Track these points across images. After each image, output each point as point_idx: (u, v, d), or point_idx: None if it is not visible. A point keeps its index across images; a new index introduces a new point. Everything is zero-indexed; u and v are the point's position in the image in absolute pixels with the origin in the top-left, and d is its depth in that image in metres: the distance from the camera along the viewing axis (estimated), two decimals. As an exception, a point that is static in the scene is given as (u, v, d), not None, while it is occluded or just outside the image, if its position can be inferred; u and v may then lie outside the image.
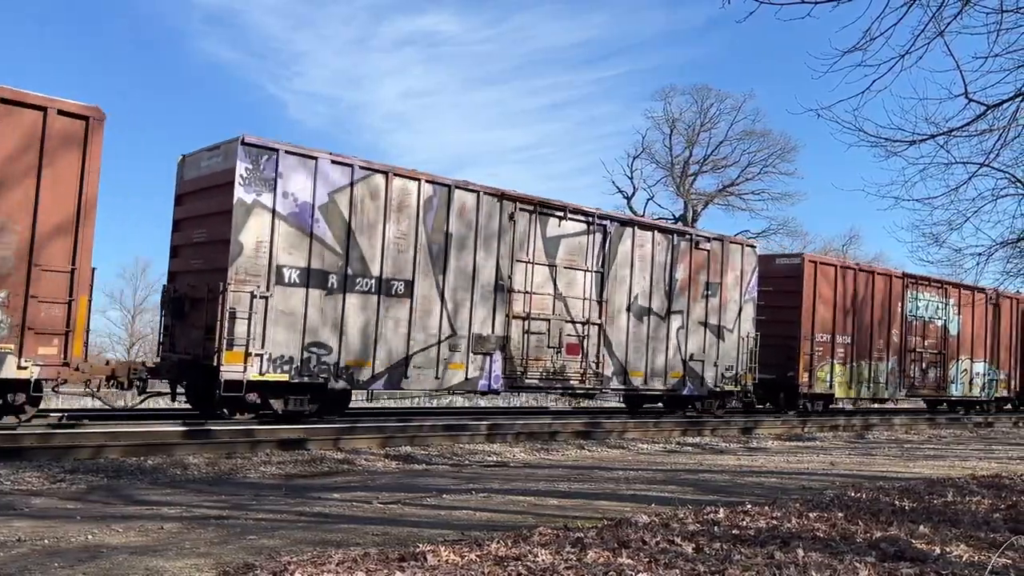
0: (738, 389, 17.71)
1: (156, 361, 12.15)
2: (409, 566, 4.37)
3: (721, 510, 6.26)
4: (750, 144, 46.19)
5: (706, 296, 17.05)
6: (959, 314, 23.95)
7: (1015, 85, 7.35)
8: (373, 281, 12.32)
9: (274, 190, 11.32)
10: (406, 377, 12.65)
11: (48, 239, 9.44)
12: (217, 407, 11.76)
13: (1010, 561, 4.95)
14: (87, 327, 9.98)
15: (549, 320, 14.45)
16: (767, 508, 6.54)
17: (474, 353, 13.48)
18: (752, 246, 18.44)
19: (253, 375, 11.10)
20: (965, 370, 24.24)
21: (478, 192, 13.57)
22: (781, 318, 19.22)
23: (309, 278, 11.66)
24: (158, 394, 12.45)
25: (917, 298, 22.53)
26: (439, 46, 72.69)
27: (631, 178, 46.85)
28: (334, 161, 11.95)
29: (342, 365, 11.96)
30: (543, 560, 4.54)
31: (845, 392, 20.48)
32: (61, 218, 9.52)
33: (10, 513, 5.81)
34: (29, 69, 61.14)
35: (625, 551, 4.79)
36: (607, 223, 15.41)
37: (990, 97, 7.45)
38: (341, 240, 12.02)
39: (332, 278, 11.91)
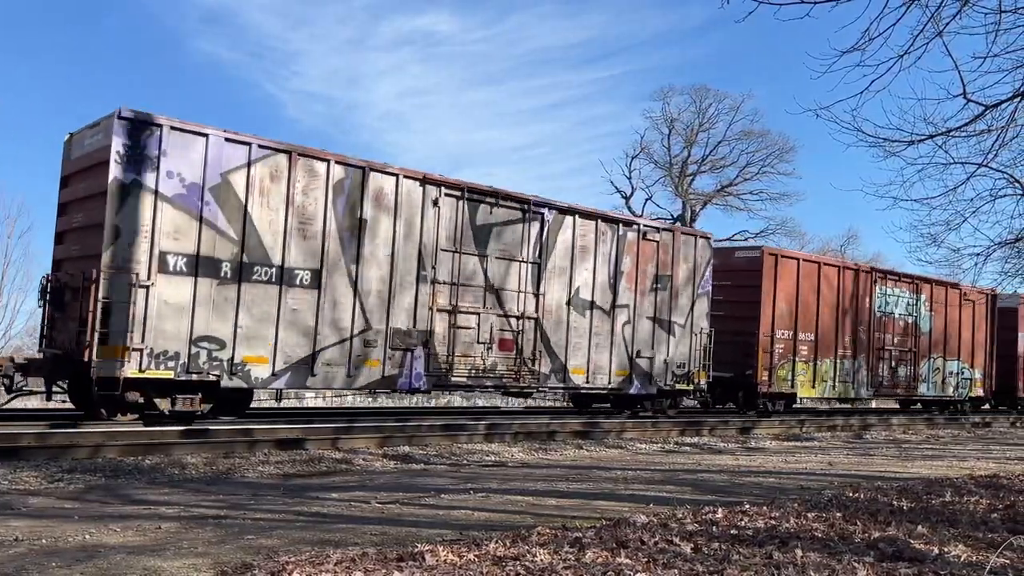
0: (691, 388, 16.77)
1: (30, 357, 11.43)
2: (407, 566, 4.36)
3: (719, 510, 6.27)
4: (748, 144, 46.26)
5: (655, 289, 16.07)
6: (931, 310, 22.97)
7: (1013, 85, 7.36)
8: (274, 270, 11.36)
9: (157, 169, 10.37)
10: (312, 375, 11.70)
11: None
12: (95, 406, 10.83)
13: (1008, 561, 4.95)
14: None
15: (479, 314, 13.52)
16: (765, 508, 6.54)
17: (392, 349, 12.49)
18: (707, 237, 17.29)
19: (132, 372, 10.19)
20: (937, 369, 23.31)
21: (397, 175, 12.59)
22: (740, 314, 18.35)
23: (198, 266, 10.70)
24: (31, 393, 11.50)
25: (886, 293, 21.53)
26: (437, 46, 72.68)
27: (629, 178, 46.92)
28: (229, 139, 10.99)
29: (237, 361, 11.00)
30: (542, 560, 4.53)
31: (808, 391, 19.53)
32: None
33: (8, 513, 5.80)
34: (29, 68, 61.05)
35: (624, 551, 4.79)
36: (544, 211, 14.43)
37: (989, 97, 7.47)
38: (236, 225, 11.04)
39: (225, 266, 10.94)
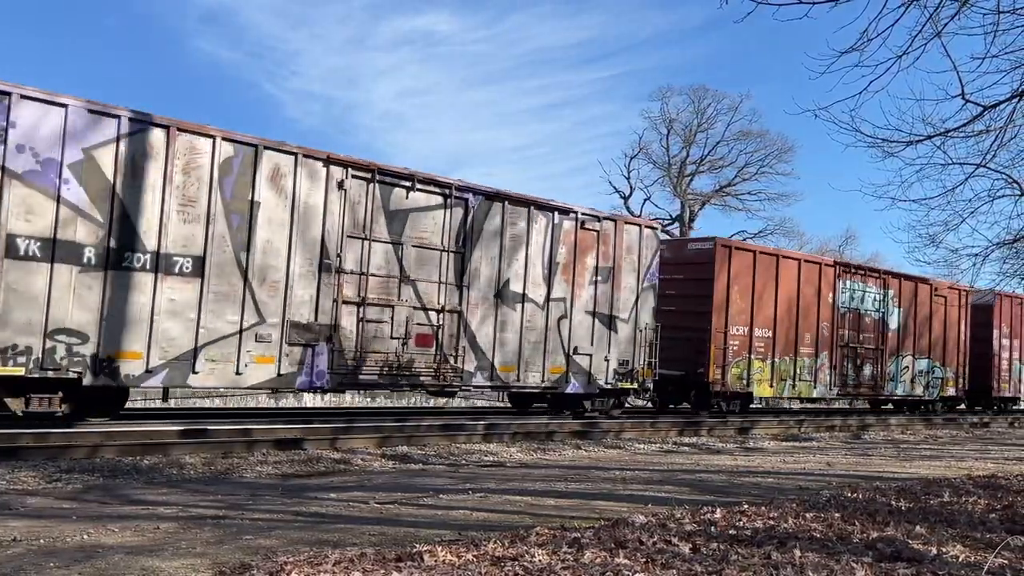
0: (636, 387, 15.87)
1: None
2: (406, 566, 4.36)
3: (718, 510, 6.27)
4: (747, 144, 46.40)
5: (595, 282, 15.11)
6: (899, 306, 22.01)
7: (1012, 86, 7.37)
8: (148, 257, 10.32)
9: (4, 143, 9.40)
10: (194, 372, 10.68)
11: None
12: None
13: (1006, 561, 4.96)
14: None
15: (393, 306, 12.53)
16: (764, 508, 6.55)
17: (290, 344, 11.45)
18: (653, 227, 16.40)
19: None
20: (906, 367, 22.34)
21: (296, 154, 11.56)
22: (692, 309, 17.41)
23: (55, 251, 9.69)
24: None
25: (851, 288, 20.58)
26: (436, 46, 72.70)
27: (628, 178, 47.05)
28: (93, 110, 9.99)
29: (102, 357, 10.00)
30: (540, 560, 4.53)
31: (766, 391, 18.58)
32: None
33: (6, 513, 5.79)
34: (26, 68, 61.03)
35: (622, 551, 4.79)
36: (469, 196, 13.42)
37: (987, 98, 7.48)
38: (102, 206, 10.05)
39: (89, 252, 9.93)
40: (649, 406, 17.89)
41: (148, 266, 10.37)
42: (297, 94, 73.78)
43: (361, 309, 12.24)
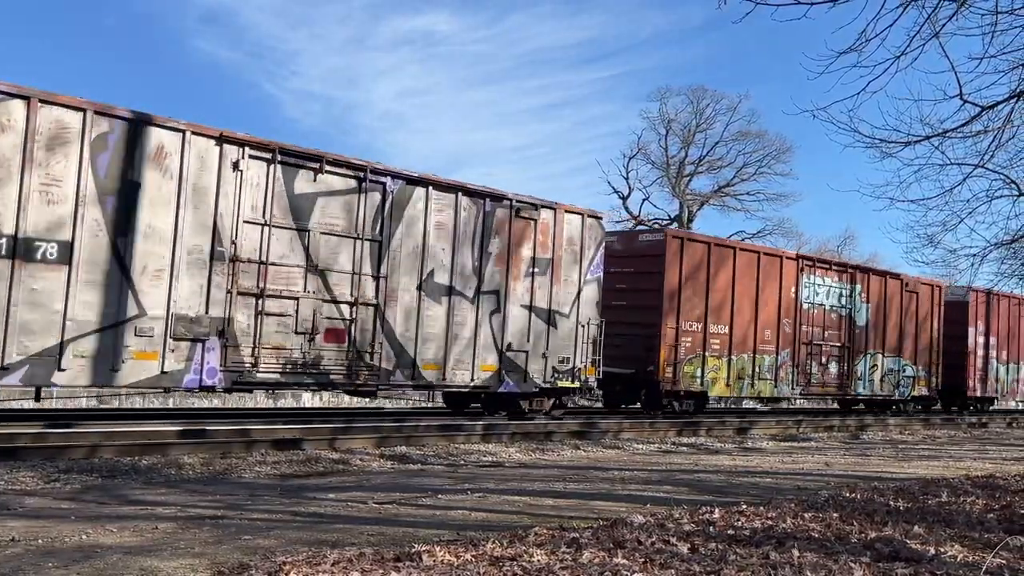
0: (578, 385, 14.90)
1: None
2: (405, 566, 4.37)
3: (716, 510, 6.27)
4: (746, 145, 46.39)
5: (532, 274, 14.12)
6: (867, 302, 20.96)
7: (1010, 86, 7.38)
8: (4, 241, 9.36)
9: None
10: (60, 369, 9.64)
11: None
12: None
13: (1004, 561, 4.96)
14: None
15: (297, 298, 11.49)
16: (762, 508, 6.55)
17: (176, 339, 10.39)
18: (597, 217, 15.28)
19: None
20: (875, 366, 21.27)
21: (183, 131, 10.47)
22: (643, 303, 16.51)
23: None
24: None
25: (815, 283, 19.58)
26: (436, 46, 72.72)
27: (627, 179, 46.98)
28: None
29: None
30: (539, 560, 4.54)
31: (722, 390, 17.64)
32: None
33: (4, 513, 5.79)
34: (25, 67, 60.98)
35: (621, 551, 4.79)
36: (387, 180, 12.39)
37: (985, 98, 7.49)
38: None
39: None
40: (599, 405, 17.12)
41: (4, 251, 9.34)
42: (297, 94, 73.86)
43: (260, 301, 11.17)
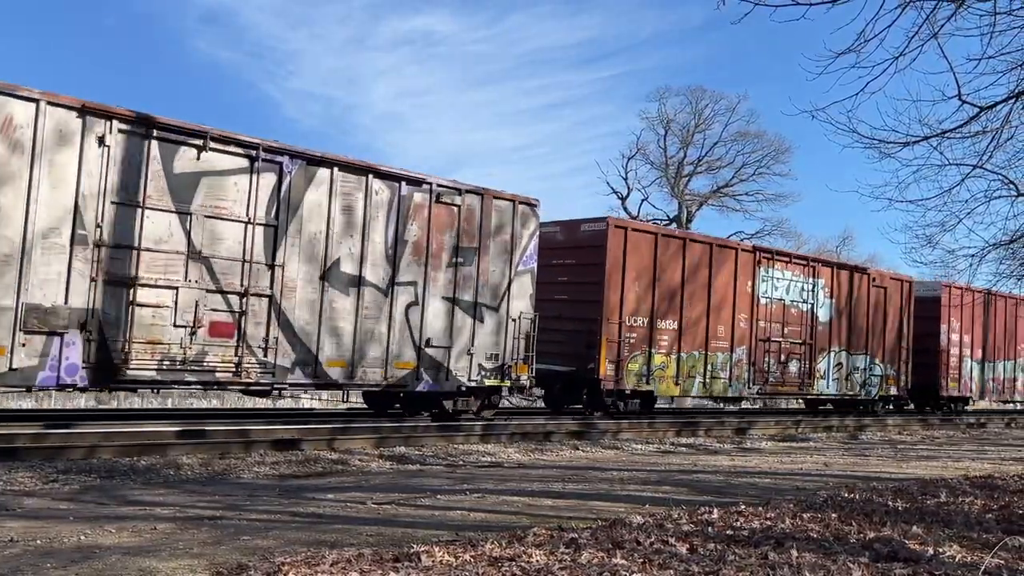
0: (508, 384, 13.90)
1: None
2: (403, 566, 4.37)
3: (715, 511, 6.28)
4: (744, 145, 46.43)
5: (456, 265, 13.09)
6: (831, 297, 19.95)
7: (1009, 87, 7.40)
8: None
9: None
10: None
11: None
12: None
13: (1003, 561, 4.97)
14: None
15: (177, 288, 10.43)
16: (761, 509, 6.56)
17: (28, 333, 9.39)
18: (530, 204, 14.16)
19: None
20: (840, 364, 20.26)
21: (37, 101, 9.37)
22: (583, 297, 15.52)
23: None
24: None
25: (773, 277, 18.57)
26: (435, 46, 72.72)
27: (626, 179, 46.99)
28: None
29: None
30: (538, 561, 4.54)
31: (671, 389, 16.66)
32: None
33: (3, 513, 5.79)
34: (24, 67, 60.94)
35: (619, 552, 4.80)
36: (284, 160, 11.37)
37: (983, 99, 7.52)
38: None
39: None
40: (540, 405, 16.49)
41: None
42: (297, 94, 73.78)
43: (131, 291, 10.13)
